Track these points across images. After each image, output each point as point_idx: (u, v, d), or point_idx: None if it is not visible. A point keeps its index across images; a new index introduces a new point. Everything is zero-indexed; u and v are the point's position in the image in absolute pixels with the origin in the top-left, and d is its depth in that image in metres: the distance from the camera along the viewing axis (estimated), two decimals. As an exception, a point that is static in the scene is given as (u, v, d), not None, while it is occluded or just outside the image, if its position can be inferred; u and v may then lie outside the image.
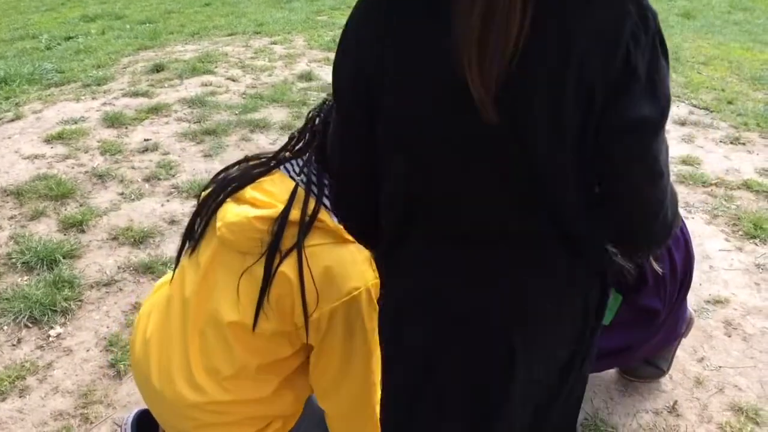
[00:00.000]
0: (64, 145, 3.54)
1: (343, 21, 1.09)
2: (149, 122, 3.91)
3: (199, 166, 3.42)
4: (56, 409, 2.16)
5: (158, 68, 4.81)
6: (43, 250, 2.73)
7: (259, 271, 1.37)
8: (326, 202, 1.39)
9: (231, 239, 1.41)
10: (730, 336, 2.34)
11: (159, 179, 3.28)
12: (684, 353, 2.23)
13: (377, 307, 1.29)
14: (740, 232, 2.82)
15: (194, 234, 1.51)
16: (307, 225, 1.38)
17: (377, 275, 1.31)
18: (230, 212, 1.42)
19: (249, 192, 1.45)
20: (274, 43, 5.42)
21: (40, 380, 2.25)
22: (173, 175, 3.33)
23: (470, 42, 0.86)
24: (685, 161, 3.30)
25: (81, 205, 3.06)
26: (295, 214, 1.39)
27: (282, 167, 1.47)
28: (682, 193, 3.06)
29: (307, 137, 1.45)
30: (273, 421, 1.51)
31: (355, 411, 1.47)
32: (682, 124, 3.66)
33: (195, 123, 3.89)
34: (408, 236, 1.09)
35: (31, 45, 6.04)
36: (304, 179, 1.41)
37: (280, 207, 1.39)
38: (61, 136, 3.63)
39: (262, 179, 1.47)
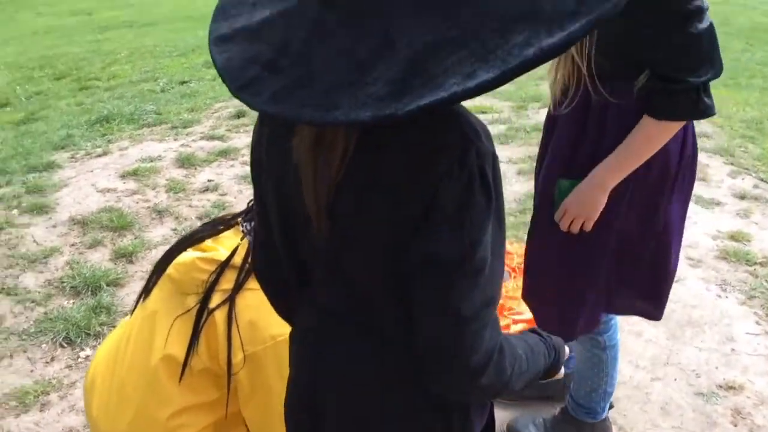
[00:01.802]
0: (135, 181, 3.84)
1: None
2: (216, 164, 4.18)
3: (252, 209, 3.62)
4: (68, 426, 2.35)
5: (239, 114, 5.12)
6: (91, 276, 2.97)
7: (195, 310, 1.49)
8: None
9: (177, 278, 1.54)
10: (736, 425, 2.22)
11: (211, 218, 3.50)
12: (675, 437, 2.15)
13: None
14: (776, 317, 2.68)
15: (150, 282, 1.66)
16: (247, 270, 1.49)
17: None
18: (182, 256, 1.56)
19: (206, 242, 1.58)
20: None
21: (61, 397, 2.45)
22: (226, 216, 3.55)
23: (303, 165, 0.94)
24: (733, 237, 3.17)
25: (135, 238, 3.31)
26: (237, 260, 1.50)
27: (242, 223, 1.60)
28: (722, 270, 2.94)
29: None
30: None
31: None
32: (742, 197, 3.51)
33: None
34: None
35: (149, 87, 6.56)
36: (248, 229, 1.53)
37: (226, 253, 1.51)
38: (136, 172, 3.94)
39: (223, 234, 1.61)
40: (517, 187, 3.74)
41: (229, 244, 1.57)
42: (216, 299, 1.49)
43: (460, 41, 0.76)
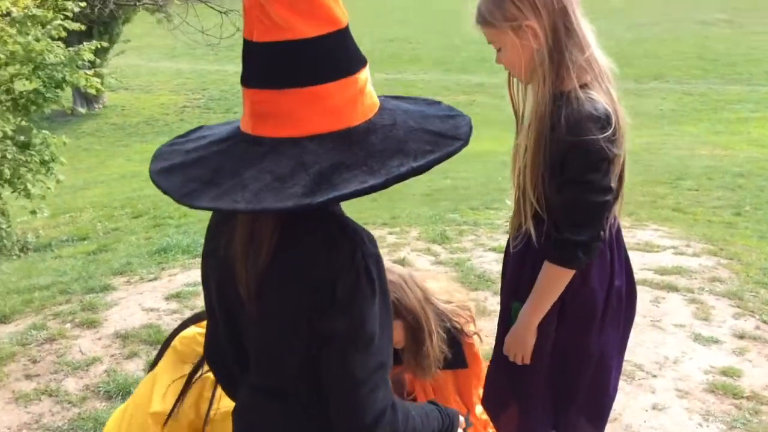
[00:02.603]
0: (177, 303, 4.25)
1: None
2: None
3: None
4: None
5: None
6: (124, 382, 3.32)
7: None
8: None
9: (179, 349, 1.88)
10: None
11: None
12: None
13: None
14: (757, 449, 2.76)
15: (160, 353, 2.00)
16: None
17: None
18: (186, 330, 1.92)
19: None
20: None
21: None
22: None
23: (238, 260, 1.28)
24: (725, 372, 3.28)
25: (169, 352, 3.66)
26: None
27: None
28: (708, 401, 3.06)
29: None
30: None
31: None
32: (741, 337, 3.63)
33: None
34: None
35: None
36: None
37: None
38: (179, 295, 4.36)
39: None
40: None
41: None
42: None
43: (354, 165, 1.14)
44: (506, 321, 2.03)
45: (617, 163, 1.75)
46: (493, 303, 4.07)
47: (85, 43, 10.61)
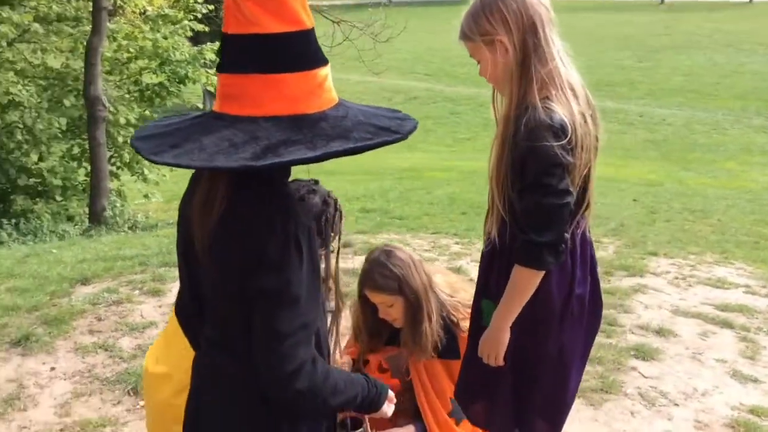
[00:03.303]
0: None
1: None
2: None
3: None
4: (107, 451, 2.90)
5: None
6: None
7: None
8: None
9: None
10: None
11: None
12: None
13: None
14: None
15: None
16: None
17: None
18: None
19: None
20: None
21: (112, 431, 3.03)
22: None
23: (196, 219, 1.48)
24: (752, 411, 3.18)
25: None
26: None
27: None
28: (727, 438, 3.00)
29: None
30: None
31: None
32: (783, 378, 3.50)
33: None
34: None
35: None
36: None
37: None
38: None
39: None
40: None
41: None
42: None
43: (299, 142, 1.34)
44: (477, 319, 2.12)
45: (574, 171, 1.82)
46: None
47: (208, 44, 11.34)
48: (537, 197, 1.81)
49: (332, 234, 2.04)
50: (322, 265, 1.75)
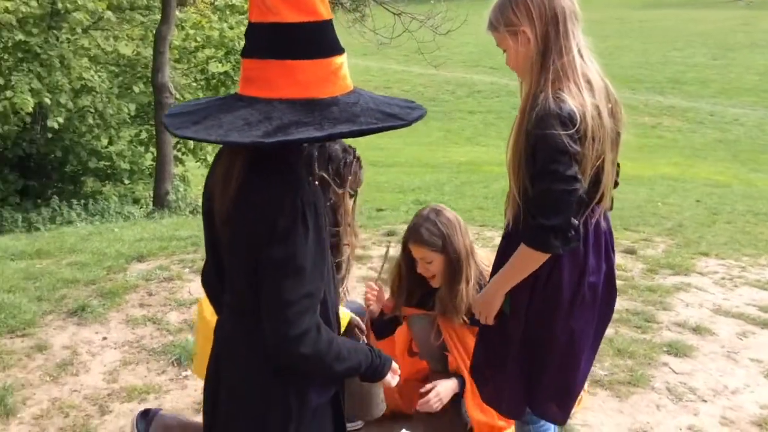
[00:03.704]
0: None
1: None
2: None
3: None
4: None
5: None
6: (214, 323, 3.80)
7: None
8: None
9: None
10: None
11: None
12: None
13: None
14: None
15: None
16: None
17: None
18: None
19: None
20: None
21: (156, 398, 3.21)
22: None
23: (217, 193, 1.61)
24: (782, 411, 3.17)
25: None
26: None
27: None
28: (751, 434, 2.99)
29: None
30: None
31: None
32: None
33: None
34: None
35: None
36: None
37: None
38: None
39: None
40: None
41: None
42: None
43: (309, 123, 1.47)
44: None
45: (584, 161, 1.88)
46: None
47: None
48: (545, 183, 1.88)
49: (350, 177, 2.28)
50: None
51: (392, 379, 1.83)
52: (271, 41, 1.48)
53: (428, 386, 2.80)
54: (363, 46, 12.44)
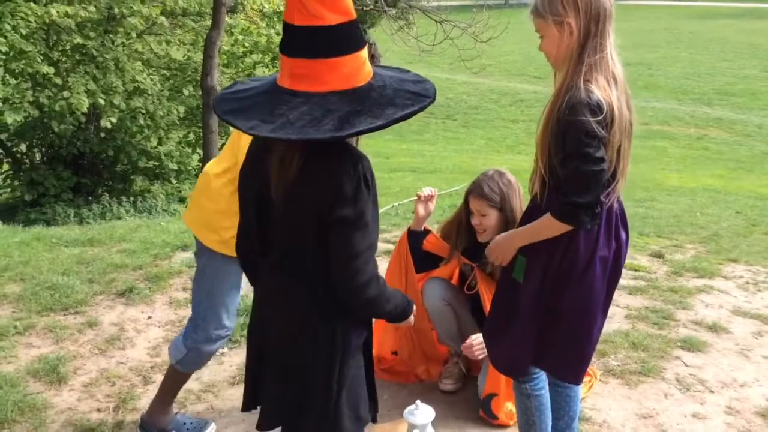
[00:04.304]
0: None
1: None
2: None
3: None
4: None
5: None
6: (250, 303, 4.06)
7: None
8: None
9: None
10: None
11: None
12: None
13: None
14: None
15: None
16: None
17: None
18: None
19: None
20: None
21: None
22: None
23: (275, 172, 1.86)
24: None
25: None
26: None
27: None
28: (753, 422, 3.10)
29: None
30: None
31: None
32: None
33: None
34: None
35: (388, 210, 7.87)
36: None
37: None
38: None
39: None
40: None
41: None
42: None
43: (363, 111, 1.77)
44: (509, 269, 2.39)
45: (609, 146, 2.10)
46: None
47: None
48: (577, 164, 2.09)
49: None
50: None
51: (412, 318, 2.12)
52: (318, 43, 1.74)
53: (474, 336, 3.06)
54: (406, 53, 12.67)
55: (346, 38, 1.75)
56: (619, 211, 2.32)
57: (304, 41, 1.74)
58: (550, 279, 2.29)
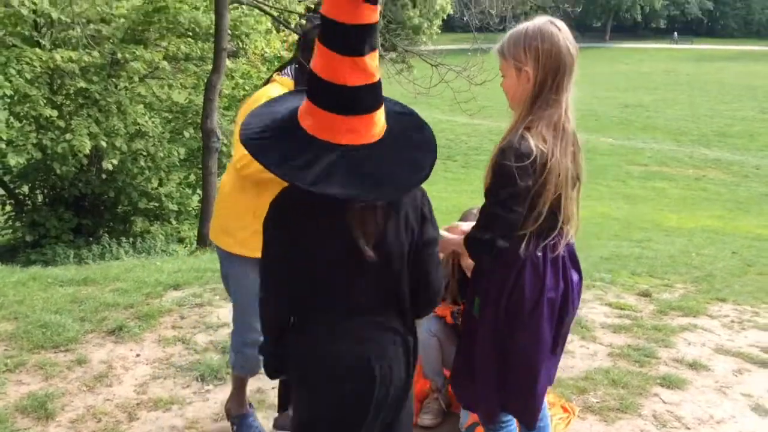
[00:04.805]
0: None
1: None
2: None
3: None
4: (172, 425, 3.41)
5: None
6: (237, 344, 4.13)
7: None
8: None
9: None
10: None
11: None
12: None
13: None
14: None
15: None
16: None
17: None
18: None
19: None
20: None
21: (178, 409, 3.54)
22: None
23: (357, 226, 1.89)
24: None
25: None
26: None
27: None
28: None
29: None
30: None
31: None
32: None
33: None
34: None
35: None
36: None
37: None
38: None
39: None
40: (601, 365, 4.16)
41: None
42: None
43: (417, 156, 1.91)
44: (468, 309, 2.48)
45: (540, 195, 2.19)
46: (575, 343, 4.37)
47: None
48: (489, 202, 2.22)
49: None
50: None
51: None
52: (371, 98, 1.83)
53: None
54: (406, 95, 12.90)
55: (380, 92, 1.86)
56: (568, 254, 2.40)
57: (361, 100, 1.81)
58: (502, 320, 2.36)
